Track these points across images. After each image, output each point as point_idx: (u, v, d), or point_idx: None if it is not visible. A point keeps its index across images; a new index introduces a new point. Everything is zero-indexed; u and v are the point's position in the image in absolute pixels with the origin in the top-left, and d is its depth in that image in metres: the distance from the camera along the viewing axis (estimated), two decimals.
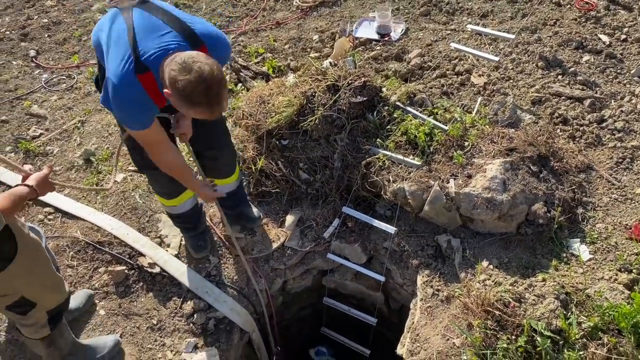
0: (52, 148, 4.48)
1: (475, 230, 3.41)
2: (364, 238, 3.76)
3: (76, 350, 3.01)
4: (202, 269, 3.61)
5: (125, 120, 2.56)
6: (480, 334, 2.75)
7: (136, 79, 2.35)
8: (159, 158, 2.74)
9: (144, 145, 2.67)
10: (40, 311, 2.62)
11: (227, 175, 3.42)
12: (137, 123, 2.51)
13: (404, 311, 4.01)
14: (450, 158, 3.49)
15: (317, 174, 3.88)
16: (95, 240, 3.67)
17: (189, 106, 2.28)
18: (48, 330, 2.72)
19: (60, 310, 2.75)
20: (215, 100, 2.26)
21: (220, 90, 2.26)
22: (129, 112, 2.48)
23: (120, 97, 2.41)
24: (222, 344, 3.36)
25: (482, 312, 2.82)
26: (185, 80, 2.17)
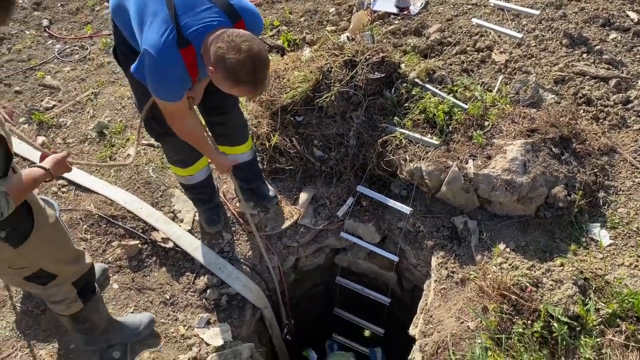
0: (66, 120, 4.45)
1: (493, 212, 3.35)
2: (378, 217, 3.71)
3: (112, 327, 3.03)
4: (215, 244, 3.59)
5: (160, 92, 2.51)
6: (495, 318, 2.71)
7: (178, 52, 2.34)
8: (180, 127, 2.74)
9: (166, 114, 2.67)
10: (65, 284, 2.61)
11: (239, 143, 3.37)
12: (172, 95, 2.50)
13: (417, 292, 3.99)
14: (470, 138, 3.41)
15: (332, 151, 3.82)
16: (108, 214, 3.66)
17: (234, 84, 2.30)
18: (80, 304, 2.71)
19: (87, 281, 2.74)
20: (261, 80, 2.30)
21: (266, 70, 2.30)
22: (167, 84, 2.45)
23: (160, 69, 2.38)
24: (234, 320, 3.37)
25: (497, 296, 2.78)
26: (234, 59, 2.20)
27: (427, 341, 2.99)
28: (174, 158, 3.27)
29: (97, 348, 3.07)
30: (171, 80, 2.43)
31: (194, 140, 2.87)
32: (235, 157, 3.36)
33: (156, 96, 2.55)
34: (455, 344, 2.79)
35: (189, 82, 2.51)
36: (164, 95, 2.52)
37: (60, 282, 2.59)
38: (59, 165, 2.34)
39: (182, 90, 2.51)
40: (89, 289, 2.76)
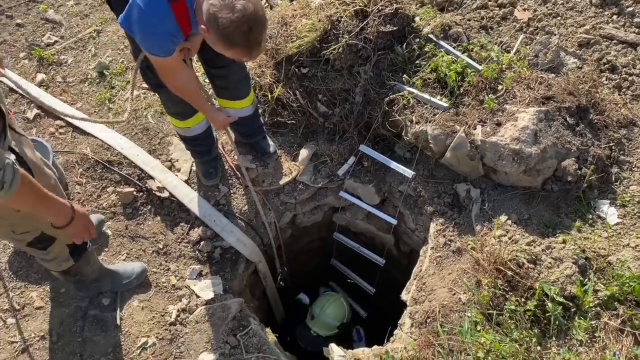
0: (67, 57, 4.32)
1: (498, 181, 3.21)
2: (379, 179, 3.60)
3: (103, 276, 3.03)
4: (211, 197, 3.53)
5: (148, 46, 2.39)
6: (488, 293, 2.64)
7: (168, 5, 2.20)
8: (172, 82, 2.62)
9: (158, 69, 2.56)
10: (59, 244, 2.58)
11: (241, 97, 3.22)
12: (161, 50, 2.37)
13: (413, 255, 3.93)
14: (481, 102, 3.23)
15: (336, 107, 3.66)
16: (105, 159, 3.59)
17: (226, 46, 2.18)
18: (72, 262, 2.70)
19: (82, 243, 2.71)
20: (256, 43, 2.16)
21: (263, 31, 2.15)
22: (155, 39, 2.32)
23: (148, 23, 2.25)
24: (226, 274, 3.35)
25: (493, 270, 2.70)
26: (227, 19, 2.06)
27: (418, 309, 2.95)
28: (171, 110, 3.15)
29: (88, 294, 3.08)
30: (160, 34, 2.28)
31: (187, 95, 2.75)
32: (236, 111, 3.23)
33: (145, 49, 2.42)
34: (445, 315, 2.73)
35: (180, 38, 2.37)
36: (153, 49, 2.38)
37: (56, 244, 2.55)
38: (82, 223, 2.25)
39: (172, 46, 2.37)
40: (82, 247, 2.73)
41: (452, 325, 2.68)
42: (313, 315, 4.28)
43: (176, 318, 3.05)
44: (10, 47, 4.41)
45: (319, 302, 4.35)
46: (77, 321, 3.01)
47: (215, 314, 3.04)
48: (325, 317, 4.23)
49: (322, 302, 4.31)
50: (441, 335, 2.59)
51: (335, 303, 4.31)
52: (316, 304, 4.35)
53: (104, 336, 2.97)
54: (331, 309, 4.26)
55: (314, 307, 4.33)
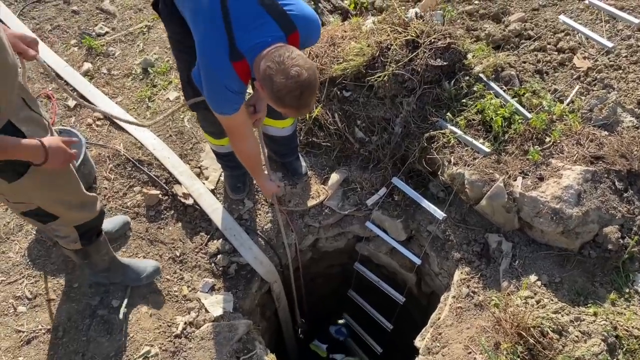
0: (115, 50, 4.36)
1: (532, 237, 3.05)
2: (408, 215, 3.48)
3: (114, 268, 3.02)
4: (235, 210, 3.47)
5: (217, 105, 2.44)
6: (506, 358, 2.49)
7: (230, 65, 2.26)
8: (239, 144, 2.71)
9: (228, 130, 2.64)
10: (66, 226, 2.58)
11: (283, 117, 3.17)
12: (229, 108, 2.43)
13: (434, 297, 3.78)
14: (525, 152, 3.08)
15: (374, 135, 3.57)
16: (136, 157, 3.59)
17: (277, 105, 2.24)
18: (79, 245, 2.70)
19: (91, 226, 2.70)
20: (305, 105, 2.23)
21: (313, 96, 2.22)
22: (223, 98, 2.38)
23: (215, 82, 2.32)
24: (239, 291, 3.28)
25: (514, 334, 2.55)
26: (281, 84, 2.11)
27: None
28: (207, 129, 3.15)
29: (97, 281, 3.07)
30: (224, 92, 2.32)
31: (249, 163, 2.87)
32: (275, 131, 3.23)
33: (214, 110, 2.47)
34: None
35: (243, 91, 2.43)
36: (220, 108, 2.43)
37: (61, 224, 2.54)
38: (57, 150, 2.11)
39: (238, 102, 2.42)
40: (93, 233, 2.71)
41: None
42: None
43: (182, 331, 3.00)
44: (63, 32, 4.48)
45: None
46: (84, 319, 2.99)
47: (222, 332, 2.97)
48: None
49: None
50: None
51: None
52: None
53: (109, 338, 2.94)
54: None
55: None
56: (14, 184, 2.15)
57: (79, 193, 2.54)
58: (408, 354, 4.77)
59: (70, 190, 2.49)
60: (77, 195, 2.54)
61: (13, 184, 2.15)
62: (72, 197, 2.52)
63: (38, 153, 2.04)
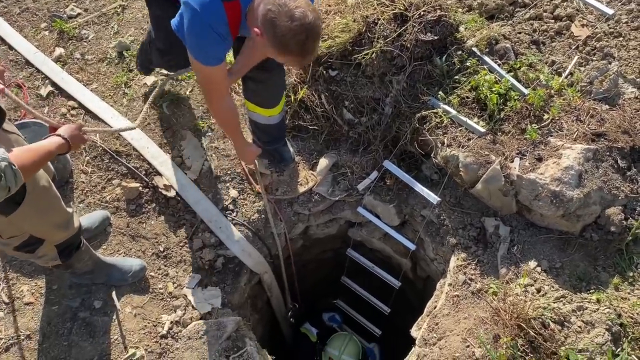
0: (88, 32, 4.11)
1: (531, 221, 2.91)
2: (401, 199, 3.33)
3: (97, 269, 2.90)
4: (220, 200, 3.31)
5: (199, 51, 2.27)
6: (506, 353, 2.37)
7: (222, 7, 2.12)
8: (216, 104, 2.57)
9: (203, 84, 2.52)
10: (47, 246, 2.44)
11: (271, 106, 3.02)
12: (210, 56, 2.28)
13: (430, 282, 3.67)
14: (522, 131, 2.91)
15: (363, 116, 3.39)
16: (113, 148, 3.41)
17: (279, 53, 2.08)
18: (59, 261, 2.58)
19: (70, 243, 2.57)
20: (309, 52, 2.07)
21: (317, 41, 2.08)
22: (207, 42, 2.21)
23: (201, 24, 2.15)
24: (227, 286, 3.15)
25: (514, 326, 2.43)
26: (285, 27, 1.97)
27: (427, 352, 2.70)
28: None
29: (80, 282, 2.95)
30: (212, 38, 2.17)
31: (227, 124, 2.76)
32: (263, 119, 3.06)
33: (194, 58, 2.29)
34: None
35: (230, 42, 2.27)
36: (203, 55, 2.26)
37: (47, 244, 2.40)
38: (76, 136, 2.20)
39: (222, 52, 2.29)
40: (72, 249, 2.57)
41: None
42: (332, 359, 4.19)
43: (168, 330, 2.87)
44: (33, 15, 4.22)
45: (335, 344, 4.23)
46: (65, 322, 2.86)
47: (210, 331, 2.85)
48: (346, 358, 4.16)
49: (339, 345, 4.21)
50: None
51: (351, 343, 4.22)
52: (331, 346, 4.24)
53: (91, 342, 2.81)
54: (349, 349, 4.18)
55: (329, 349, 4.23)
56: (12, 216, 2.10)
57: (62, 209, 2.41)
58: (407, 335, 4.73)
59: (56, 209, 2.39)
60: (60, 212, 2.42)
61: (11, 217, 2.10)
62: (57, 215, 2.41)
63: (63, 144, 2.12)
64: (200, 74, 2.43)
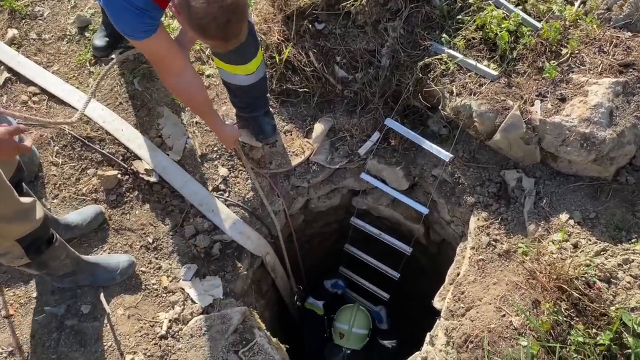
0: (42, 9, 3.68)
1: (556, 169, 2.62)
2: (408, 160, 3.02)
3: (80, 269, 2.59)
4: (209, 180, 2.99)
5: (121, 25, 2.04)
6: (548, 319, 2.11)
7: None
8: (168, 79, 2.28)
9: (152, 61, 2.27)
10: (6, 240, 2.11)
11: (245, 61, 2.58)
12: (136, 30, 2.02)
13: (445, 245, 3.41)
14: (540, 70, 2.59)
15: (358, 72, 3.05)
16: (84, 135, 3.05)
17: (200, 36, 1.88)
18: (27, 259, 2.25)
19: (37, 237, 2.23)
20: (234, 35, 1.85)
21: (242, 23, 1.84)
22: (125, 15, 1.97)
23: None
24: (227, 273, 2.85)
25: (554, 289, 2.16)
26: (201, 10, 1.73)
27: (455, 325, 2.44)
28: None
29: (63, 286, 2.65)
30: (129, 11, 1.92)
31: (190, 102, 2.46)
32: (231, 77, 2.65)
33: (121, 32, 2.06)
34: (492, 342, 2.22)
35: (157, 12, 2.01)
36: (127, 29, 2.02)
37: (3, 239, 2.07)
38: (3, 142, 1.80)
39: (147, 24, 2.00)
40: (40, 244, 2.24)
41: (501, 356, 2.17)
42: (342, 334, 3.93)
43: (168, 330, 2.58)
44: None
45: (343, 318, 3.98)
46: (51, 333, 2.56)
47: (214, 326, 2.57)
48: (357, 331, 3.92)
49: (347, 318, 3.95)
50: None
51: (359, 314, 3.97)
52: (340, 321, 3.99)
53: (83, 352, 2.52)
54: (358, 321, 3.94)
55: (338, 325, 3.98)
56: None
57: (13, 201, 2.05)
58: (415, 298, 4.49)
59: (4, 200, 2.01)
60: (12, 204, 2.06)
61: None
62: (6, 208, 2.04)
63: None
64: (138, 49, 2.20)
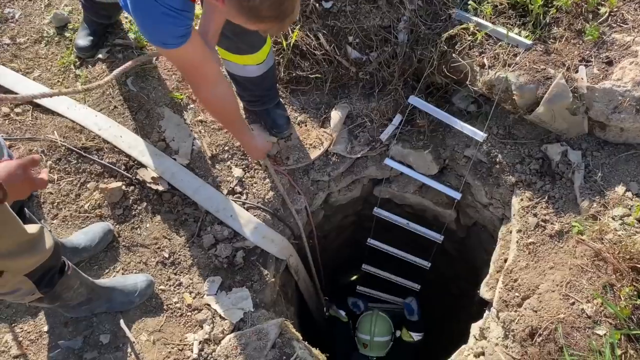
0: (13, 11, 3.33)
1: (603, 139, 2.43)
2: (436, 142, 2.81)
3: (96, 296, 2.34)
4: (223, 183, 2.73)
5: (151, 33, 1.80)
6: (628, 304, 1.93)
7: None
8: (204, 91, 2.04)
9: (181, 71, 2.14)
10: (15, 276, 1.83)
11: (255, 49, 2.36)
12: (170, 36, 1.76)
13: (476, 228, 3.22)
14: (579, 32, 2.39)
15: (373, 51, 2.81)
16: (79, 145, 2.75)
17: (251, 20, 1.60)
18: (39, 294, 1.98)
19: (48, 268, 1.96)
20: (289, 11, 1.60)
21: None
22: (158, 20, 1.71)
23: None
24: (255, 283, 2.61)
25: (627, 270, 1.98)
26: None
27: (514, 317, 2.25)
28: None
29: (78, 315, 2.39)
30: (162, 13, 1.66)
31: (222, 116, 2.24)
32: (238, 68, 2.42)
33: (152, 42, 1.90)
34: (565, 334, 2.03)
35: (190, 12, 1.76)
36: (157, 37, 1.79)
37: (7, 278, 1.79)
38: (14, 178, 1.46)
39: (182, 28, 1.75)
40: (52, 275, 1.97)
41: (578, 349, 1.98)
42: (365, 344, 3.92)
43: (200, 353, 2.34)
44: None
45: (364, 329, 3.95)
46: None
47: (250, 343, 2.33)
48: (378, 340, 3.89)
49: (368, 328, 3.92)
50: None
51: (379, 321, 3.94)
52: (361, 331, 3.97)
53: None
54: (379, 329, 3.91)
55: (360, 335, 3.97)
56: None
57: (19, 233, 1.77)
58: (444, 286, 4.32)
59: (11, 232, 1.72)
60: (19, 235, 1.77)
61: None
62: (14, 241, 1.76)
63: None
64: (169, 60, 1.96)
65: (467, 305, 3.57)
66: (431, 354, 3.86)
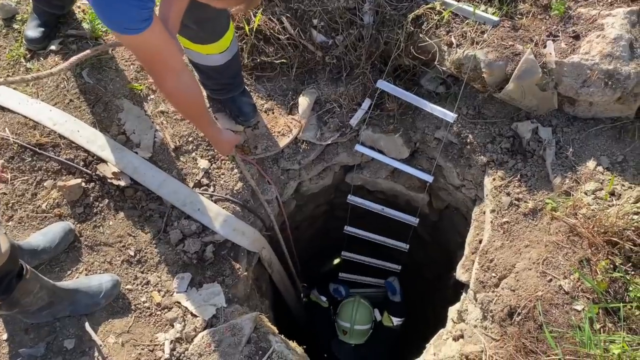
0: None
1: (572, 114, 2.42)
2: (406, 126, 2.76)
3: (58, 299, 2.21)
4: (189, 176, 2.63)
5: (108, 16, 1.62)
6: (604, 277, 1.92)
7: None
8: (171, 80, 1.88)
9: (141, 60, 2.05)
10: None
11: (217, 37, 2.26)
12: (139, 20, 1.61)
13: (448, 211, 3.20)
14: (545, 8, 2.37)
15: (339, 34, 2.74)
16: (33, 142, 2.60)
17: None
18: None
19: (5, 274, 1.85)
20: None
21: None
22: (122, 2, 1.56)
23: None
24: (227, 277, 2.52)
25: (603, 244, 1.97)
26: None
27: (491, 297, 2.23)
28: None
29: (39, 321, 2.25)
30: None
31: (187, 108, 2.08)
32: (200, 57, 2.31)
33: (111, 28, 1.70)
34: (545, 312, 2.01)
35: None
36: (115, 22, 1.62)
37: None
38: None
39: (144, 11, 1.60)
40: (10, 280, 1.85)
41: (557, 325, 1.97)
42: (345, 330, 3.90)
43: (172, 353, 2.24)
44: None
45: (345, 315, 3.92)
46: None
47: (224, 339, 2.25)
48: (359, 328, 3.86)
49: (349, 315, 3.88)
50: (551, 345, 1.88)
51: (360, 309, 3.91)
52: (342, 318, 3.94)
53: None
54: (360, 317, 3.87)
55: (340, 322, 3.94)
56: None
57: None
58: (417, 271, 4.31)
59: None
60: None
61: None
62: None
63: None
64: (129, 48, 1.81)
65: (442, 288, 3.55)
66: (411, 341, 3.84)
